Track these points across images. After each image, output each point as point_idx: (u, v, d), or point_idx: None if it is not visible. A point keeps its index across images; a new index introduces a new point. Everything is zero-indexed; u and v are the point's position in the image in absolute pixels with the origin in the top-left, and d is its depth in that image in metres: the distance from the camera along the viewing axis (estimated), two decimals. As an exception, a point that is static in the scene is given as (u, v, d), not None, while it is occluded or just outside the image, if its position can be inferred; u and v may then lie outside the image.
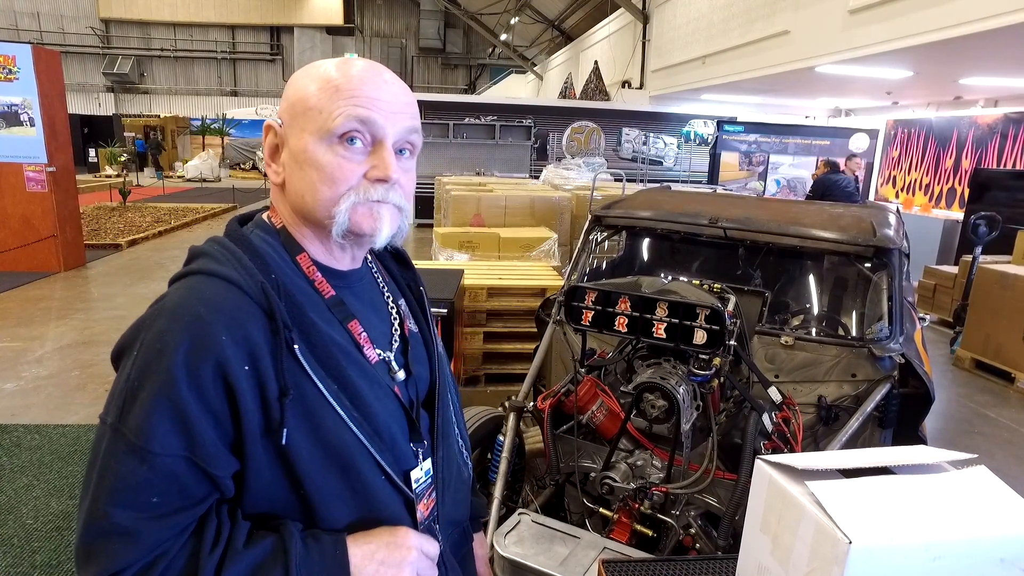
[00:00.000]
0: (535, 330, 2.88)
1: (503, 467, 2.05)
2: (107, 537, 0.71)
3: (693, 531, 1.91)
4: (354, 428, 0.79)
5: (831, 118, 13.61)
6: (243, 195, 14.83)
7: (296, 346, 0.77)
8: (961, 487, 0.81)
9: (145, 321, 0.76)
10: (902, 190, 10.86)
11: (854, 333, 2.48)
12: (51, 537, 0.75)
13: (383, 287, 0.96)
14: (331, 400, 0.78)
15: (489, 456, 2.24)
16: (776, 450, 1.93)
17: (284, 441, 0.75)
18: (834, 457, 0.87)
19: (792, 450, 1.93)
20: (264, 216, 0.88)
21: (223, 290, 0.76)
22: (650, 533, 1.92)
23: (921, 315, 2.99)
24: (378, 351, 0.87)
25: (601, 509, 2.01)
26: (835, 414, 2.16)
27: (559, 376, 2.56)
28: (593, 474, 2.03)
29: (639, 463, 2.03)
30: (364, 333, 0.85)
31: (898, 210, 3.18)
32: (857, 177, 8.35)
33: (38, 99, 6.60)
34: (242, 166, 21.87)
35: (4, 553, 0.70)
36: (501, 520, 1.88)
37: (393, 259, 1.02)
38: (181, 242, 9.33)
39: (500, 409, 2.34)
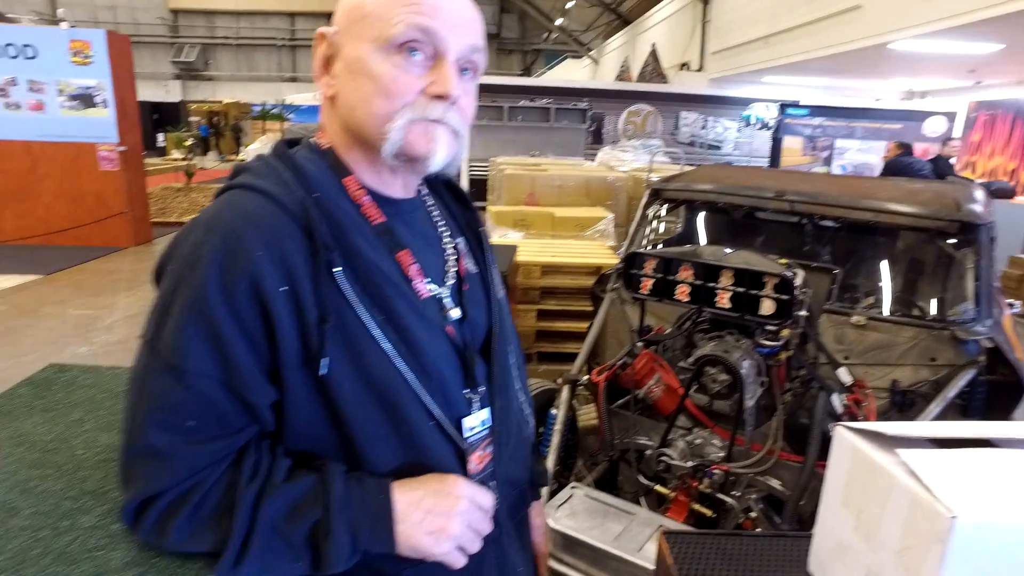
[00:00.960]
0: (590, 309, 2.81)
1: (556, 440, 2.00)
2: (143, 458, 0.69)
3: (754, 515, 1.82)
4: (400, 364, 0.74)
5: (903, 101, 12.88)
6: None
7: (338, 270, 0.71)
8: (1085, 463, 0.71)
9: (181, 235, 0.73)
10: (983, 176, 10.19)
11: (934, 314, 2.32)
12: (99, 467, 0.78)
13: (439, 222, 0.90)
14: (375, 331, 0.73)
15: (541, 430, 2.19)
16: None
17: (324, 371, 0.70)
18: (927, 426, 0.78)
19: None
20: (312, 138, 0.83)
21: (262, 205, 0.72)
22: (709, 513, 1.83)
23: (1009, 301, 2.77)
24: (430, 287, 0.81)
25: (657, 487, 1.94)
26: (911, 400, 2.01)
27: (614, 354, 2.48)
28: (649, 451, 1.96)
29: (698, 441, 1.94)
30: (415, 264, 0.79)
31: None
32: (951, 162, 7.87)
33: (111, 82, 6.86)
34: (301, 150, 22.36)
35: (58, 478, 0.78)
36: (552, 495, 1.84)
37: (451, 195, 0.96)
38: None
39: (554, 384, 2.29)
